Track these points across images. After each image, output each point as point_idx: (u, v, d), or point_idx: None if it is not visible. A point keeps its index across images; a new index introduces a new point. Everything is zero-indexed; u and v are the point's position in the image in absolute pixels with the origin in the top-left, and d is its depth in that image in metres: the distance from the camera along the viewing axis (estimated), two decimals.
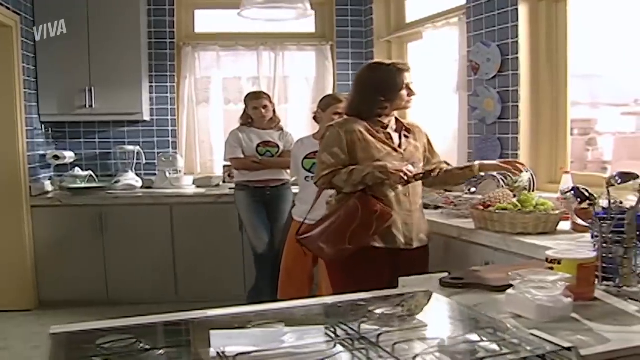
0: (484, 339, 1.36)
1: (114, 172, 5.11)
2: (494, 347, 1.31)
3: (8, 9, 4.20)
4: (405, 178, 2.53)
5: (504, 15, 3.65)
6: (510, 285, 1.56)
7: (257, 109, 4.26)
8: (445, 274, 1.89)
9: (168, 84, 5.21)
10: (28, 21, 4.58)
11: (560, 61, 3.56)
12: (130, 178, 4.97)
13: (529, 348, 1.29)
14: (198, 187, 5.06)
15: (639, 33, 3.16)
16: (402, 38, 5.05)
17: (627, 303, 1.59)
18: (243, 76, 5.29)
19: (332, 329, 1.45)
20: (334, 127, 2.70)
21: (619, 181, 1.83)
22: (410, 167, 2.56)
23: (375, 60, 2.76)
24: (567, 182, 3.15)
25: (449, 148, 4.25)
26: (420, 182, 2.73)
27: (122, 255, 4.59)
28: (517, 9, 3.55)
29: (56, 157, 4.79)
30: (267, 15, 3.97)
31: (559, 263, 1.64)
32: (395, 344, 1.31)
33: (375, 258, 2.60)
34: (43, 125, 4.86)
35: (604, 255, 1.75)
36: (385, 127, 2.71)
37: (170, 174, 5.01)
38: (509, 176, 3.14)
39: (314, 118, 3.80)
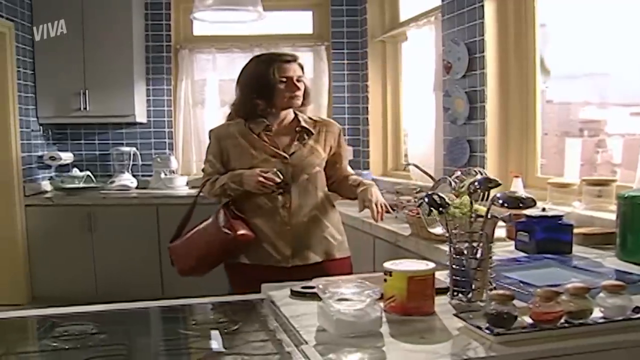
0: (268, 351, 1.31)
1: (112, 172, 5.23)
2: None
3: (1, 16, 4.39)
4: (263, 188, 2.25)
5: (471, 12, 3.50)
6: None
7: None
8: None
9: (165, 87, 5.30)
10: (25, 27, 4.77)
11: (530, 59, 3.38)
12: (125, 179, 5.08)
13: None
14: (192, 187, 5.12)
15: None
16: (395, 38, 4.93)
17: (456, 320, 1.48)
18: None
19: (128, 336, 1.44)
20: (212, 132, 2.50)
21: (480, 187, 1.71)
22: (272, 174, 2.27)
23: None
24: (517, 187, 2.99)
25: (431, 150, 4.13)
26: (315, 190, 2.39)
27: (110, 254, 4.70)
28: (483, 6, 3.40)
29: (52, 158, 4.95)
30: (220, 18, 3.96)
31: (391, 275, 1.55)
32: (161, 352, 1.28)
33: (246, 273, 2.39)
34: (42, 127, 5.04)
35: (455, 267, 1.65)
36: (270, 128, 2.39)
37: (165, 174, 5.10)
38: (463, 178, 2.99)
39: None
